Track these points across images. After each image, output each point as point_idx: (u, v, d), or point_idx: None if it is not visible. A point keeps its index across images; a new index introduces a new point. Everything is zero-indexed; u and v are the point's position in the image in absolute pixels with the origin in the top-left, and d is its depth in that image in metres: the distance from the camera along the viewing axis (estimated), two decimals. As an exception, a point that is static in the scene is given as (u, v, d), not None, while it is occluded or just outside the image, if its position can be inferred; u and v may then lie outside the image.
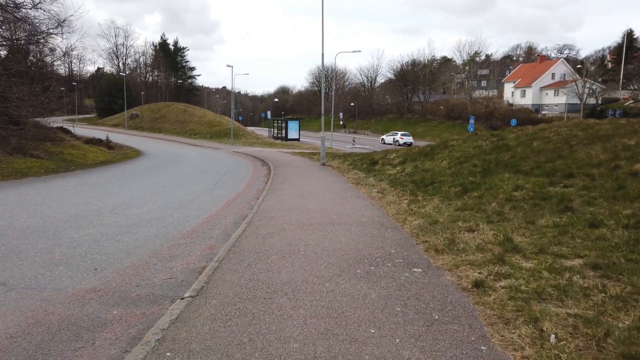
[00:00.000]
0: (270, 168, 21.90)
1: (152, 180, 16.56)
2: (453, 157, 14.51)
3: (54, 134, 34.84)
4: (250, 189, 14.71)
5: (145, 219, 9.34)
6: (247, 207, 11.20)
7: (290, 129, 48.63)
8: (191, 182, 16.09)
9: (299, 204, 10.87)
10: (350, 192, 12.80)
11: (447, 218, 7.99)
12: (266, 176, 18.60)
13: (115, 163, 25.64)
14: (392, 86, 72.33)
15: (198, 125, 51.61)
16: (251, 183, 16.39)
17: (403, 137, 49.70)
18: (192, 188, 14.59)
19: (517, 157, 11.70)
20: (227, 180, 17.15)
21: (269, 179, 17.22)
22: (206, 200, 12.27)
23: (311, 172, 19.44)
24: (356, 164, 21.86)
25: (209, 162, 25.39)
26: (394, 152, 21.83)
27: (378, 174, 16.56)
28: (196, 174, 19.17)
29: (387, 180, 14.65)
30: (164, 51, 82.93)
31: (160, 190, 13.90)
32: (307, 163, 24.19)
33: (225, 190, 14.26)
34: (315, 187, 14.19)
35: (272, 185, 14.83)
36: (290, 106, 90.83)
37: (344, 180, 16.07)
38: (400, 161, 17.71)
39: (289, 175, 17.88)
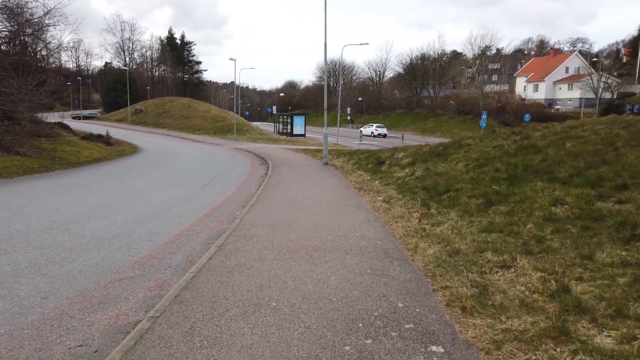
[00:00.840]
0: (268, 167, 20.11)
1: (134, 181, 14.87)
2: (470, 159, 12.57)
3: (51, 130, 33.38)
4: (240, 194, 12.92)
5: (98, 237, 7.58)
6: (229, 219, 9.41)
7: (295, 125, 46.76)
8: (177, 185, 14.35)
9: (289, 216, 9.05)
10: (352, 200, 10.95)
11: (471, 244, 6.11)
12: (262, 177, 16.81)
13: (108, 161, 24.04)
14: (401, 80, 69.98)
15: (202, 120, 49.95)
16: (243, 186, 14.60)
17: (377, 128, 52.66)
18: (175, 192, 12.85)
19: (549, 160, 9.74)
20: (217, 182, 15.39)
21: (264, 180, 15.44)
22: (185, 209, 10.50)
23: (311, 172, 17.61)
24: (361, 164, 19.96)
25: (205, 160, 23.67)
26: (402, 151, 19.89)
27: (385, 176, 14.67)
28: (187, 173, 17.45)
29: (394, 185, 12.76)
30: (171, 45, 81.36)
31: (137, 195, 12.16)
32: (309, 162, 22.35)
33: (212, 195, 12.48)
34: (312, 192, 12.35)
35: (264, 190, 13.02)
36: (297, 101, 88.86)
37: (346, 183, 14.21)
38: (409, 162, 15.79)
39: (286, 177, 16.07)
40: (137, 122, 53.85)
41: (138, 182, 14.93)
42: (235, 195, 12.67)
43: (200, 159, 24.33)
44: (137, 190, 12.93)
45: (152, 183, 14.67)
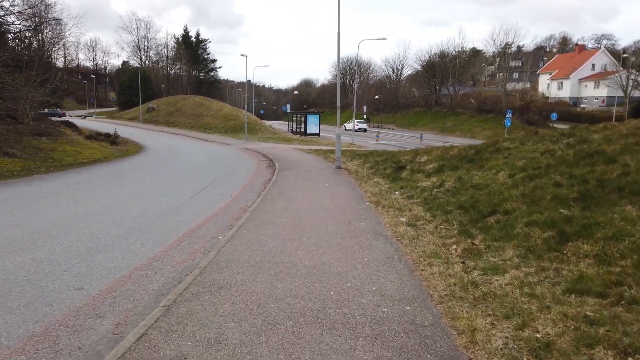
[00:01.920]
0: (274, 171, 17.78)
1: (120, 188, 12.67)
2: (514, 168, 10.00)
3: (55, 129, 31.67)
4: (233, 206, 10.59)
5: (11, 281, 5.33)
6: (205, 248, 7.08)
7: (309, 123, 44.37)
8: (166, 192, 12.10)
9: (283, 247, 6.68)
10: (367, 220, 8.51)
11: (563, 326, 3.63)
12: (265, 183, 14.49)
13: (107, 161, 22.07)
14: (419, 78, 66.94)
15: (213, 119, 47.95)
16: (241, 195, 12.28)
17: (358, 124, 52.25)
18: (159, 202, 10.59)
19: (632, 174, 7.15)
20: (213, 189, 13.11)
21: (266, 188, 13.11)
22: (157, 229, 8.21)
23: (321, 178, 15.21)
24: (378, 168, 17.47)
25: (209, 162, 21.47)
26: (424, 154, 17.32)
27: (406, 185, 12.17)
28: (184, 177, 15.24)
29: (419, 199, 10.28)
30: (186, 43, 79.73)
31: (113, 207, 9.92)
32: (320, 164, 19.95)
33: (199, 208, 10.19)
34: (319, 207, 9.95)
35: (263, 202, 10.68)
36: (312, 99, 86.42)
37: (360, 194, 11.77)
38: (435, 168, 13.26)
39: (291, 184, 13.70)
40: (149, 121, 52.17)
41: (125, 188, 12.76)
42: (227, 208, 10.35)
43: (203, 160, 22.15)
44: (116, 201, 10.70)
45: (139, 189, 12.47)
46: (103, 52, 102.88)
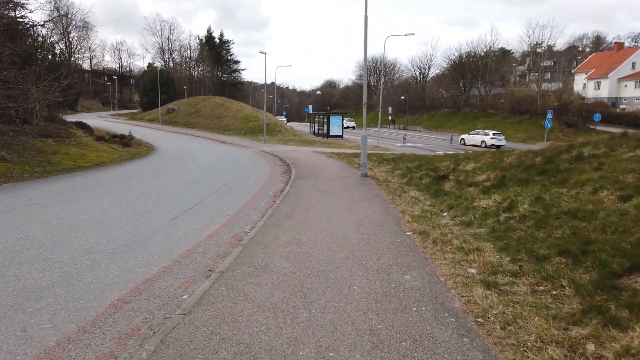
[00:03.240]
0: (289, 179, 14.86)
1: (84, 206, 9.94)
2: (623, 185, 6.76)
3: (66, 130, 29.60)
4: (221, 237, 7.67)
5: None
6: (148, 328, 4.17)
7: (332, 125, 41.31)
8: (140, 213, 9.28)
9: (271, 341, 3.72)
10: (415, 271, 5.38)
11: None
12: (274, 197, 11.56)
13: (109, 166, 19.63)
14: (447, 78, 62.94)
15: (233, 120, 45.44)
16: (238, 216, 9.37)
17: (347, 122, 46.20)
18: (119, 231, 7.75)
19: None
20: (207, 206, 10.25)
21: (274, 204, 10.18)
22: (80, 290, 5.34)
23: (344, 190, 12.16)
24: (412, 177, 14.32)
25: (217, 167, 18.71)
26: (470, 160, 14.08)
27: (457, 204, 9.02)
28: (180, 188, 12.46)
29: (482, 227, 7.14)
30: (209, 44, 77.80)
31: (42, 244, 7.14)
32: (343, 171, 16.92)
33: (172, 240, 7.31)
34: (339, 242, 6.92)
35: (264, 229, 7.74)
36: (336, 100, 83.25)
37: (395, 216, 8.67)
38: (492, 180, 10.05)
39: (306, 199, 10.72)
40: (168, 122, 50.12)
41: (96, 204, 10.02)
42: (215, 238, 7.45)
43: (212, 165, 19.41)
44: (65, 227, 7.90)
45: (113, 206, 9.71)
46: (129, 54, 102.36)
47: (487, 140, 37.14)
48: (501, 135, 38.50)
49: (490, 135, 37.68)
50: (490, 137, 37.36)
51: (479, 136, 38.51)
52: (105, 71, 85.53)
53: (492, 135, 37.50)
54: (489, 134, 37.87)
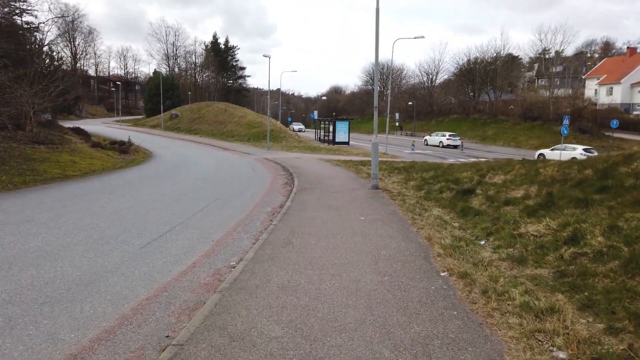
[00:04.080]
0: (291, 192, 13.07)
1: (57, 222, 8.18)
2: None
3: (61, 136, 28.11)
4: (196, 275, 5.88)
5: None
6: None
7: (338, 131, 39.51)
8: (105, 238, 7.52)
9: None
10: (471, 352, 3.59)
11: None
12: (271, 216, 9.76)
13: (98, 174, 18.02)
14: (456, 83, 60.97)
15: (237, 126, 43.78)
16: (223, 243, 7.56)
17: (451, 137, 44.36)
18: (67, 267, 5.98)
19: None
20: (189, 227, 8.46)
21: (271, 224, 8.38)
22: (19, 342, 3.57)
23: (353, 207, 10.32)
24: (430, 191, 12.47)
25: (213, 177, 16.95)
26: (496, 170, 12.24)
27: (496, 229, 7.16)
28: (162, 204, 10.71)
29: (544, 267, 5.30)
30: (215, 50, 76.48)
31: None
32: (351, 182, 15.09)
33: (139, 275, 5.54)
34: (351, 285, 5.09)
35: (251, 266, 5.95)
36: (341, 107, 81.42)
37: (420, 245, 6.81)
38: (535, 199, 8.18)
39: (308, 220, 8.90)
40: (171, 128, 48.56)
41: (65, 222, 8.29)
42: (181, 282, 5.64)
43: (209, 175, 17.66)
44: (6, 258, 6.18)
45: (82, 225, 7.96)
46: (134, 60, 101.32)
47: (444, 140, 42.14)
48: (457, 136, 43.32)
49: (446, 136, 42.65)
50: (446, 138, 42.14)
51: (437, 137, 43.74)
52: (111, 77, 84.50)
53: (448, 137, 42.06)
54: (445, 135, 42.94)
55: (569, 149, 30.82)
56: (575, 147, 30.95)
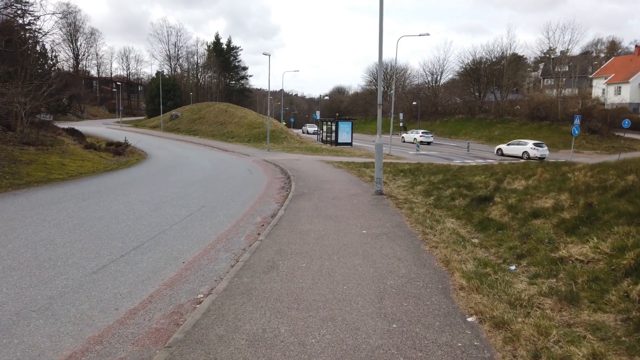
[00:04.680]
0: (286, 198, 11.74)
1: (6, 238, 6.95)
2: None
3: (54, 137, 26.95)
4: (154, 313, 4.56)
5: None
6: None
7: (341, 131, 38.16)
8: (71, 253, 6.25)
9: None
10: None
11: None
12: (261, 226, 8.43)
13: (84, 178, 16.87)
14: (461, 83, 59.36)
15: (237, 127, 42.51)
16: (197, 266, 6.24)
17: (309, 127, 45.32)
18: (9, 291, 4.73)
19: None
20: (162, 243, 7.14)
21: (257, 240, 7.06)
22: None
23: (354, 217, 8.96)
24: (440, 197, 11.10)
25: (206, 180, 15.64)
26: (514, 174, 10.86)
27: (527, 250, 5.78)
28: (146, 209, 9.42)
29: (600, 308, 3.90)
30: (217, 50, 75.27)
31: None
32: (353, 187, 13.74)
33: (70, 319, 4.23)
34: (347, 335, 3.74)
35: (225, 299, 4.61)
36: (345, 107, 79.95)
37: (435, 270, 5.42)
38: (570, 210, 6.79)
39: (302, 234, 7.55)
40: (170, 129, 47.34)
41: (15, 236, 7.00)
42: (124, 330, 4.32)
43: (201, 178, 16.34)
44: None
45: (33, 242, 6.68)
46: (137, 60, 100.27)
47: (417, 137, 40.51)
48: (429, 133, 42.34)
49: (419, 133, 41.15)
50: (419, 135, 40.77)
51: (412, 135, 41.26)
52: (113, 78, 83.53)
53: (421, 134, 39.83)
54: (419, 133, 41.14)
55: (522, 143, 34.22)
56: (527, 142, 33.96)
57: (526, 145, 33.25)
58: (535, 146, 32.58)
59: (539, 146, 32.78)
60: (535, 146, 32.58)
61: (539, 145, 33.03)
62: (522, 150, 32.95)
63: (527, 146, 32.95)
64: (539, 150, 32.33)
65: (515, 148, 33.93)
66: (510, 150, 34.16)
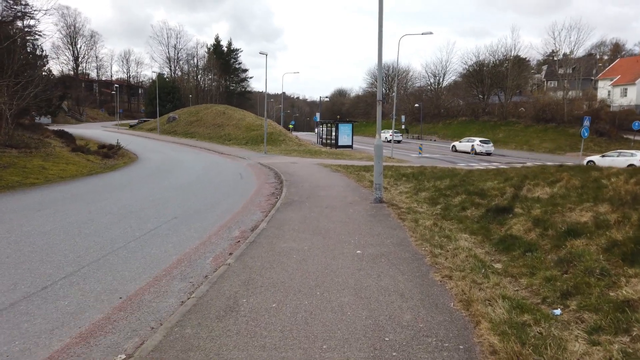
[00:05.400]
0: (274, 206, 10.26)
1: None
2: None
3: (40, 140, 25.60)
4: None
5: None
6: None
7: (341, 134, 36.66)
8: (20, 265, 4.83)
9: None
10: None
11: None
12: (235, 244, 6.95)
13: (62, 182, 15.52)
14: (464, 84, 57.76)
15: (235, 129, 41.09)
16: (133, 306, 4.76)
17: None
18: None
19: None
20: (103, 269, 5.65)
21: (224, 265, 5.58)
22: None
23: (348, 232, 7.44)
24: (449, 206, 9.60)
25: (190, 186, 14.16)
26: (534, 179, 9.36)
27: (574, 287, 4.27)
28: (108, 221, 7.98)
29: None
30: (217, 53, 73.98)
31: None
32: (350, 193, 12.24)
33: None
34: None
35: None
36: (346, 109, 78.47)
37: (450, 315, 3.92)
38: (620, 229, 5.29)
39: (282, 255, 6.05)
40: (167, 132, 45.95)
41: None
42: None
43: (185, 184, 14.88)
44: None
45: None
46: (137, 63, 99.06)
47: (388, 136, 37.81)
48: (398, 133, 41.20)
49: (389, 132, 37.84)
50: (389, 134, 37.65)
51: (385, 134, 38.91)
52: (113, 81, 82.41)
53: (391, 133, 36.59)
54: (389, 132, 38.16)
55: (471, 140, 37.27)
56: (474, 139, 37.29)
57: (474, 141, 37.11)
58: (482, 143, 36.56)
59: (485, 143, 36.62)
60: (482, 143, 36.56)
61: (485, 142, 36.80)
62: (470, 146, 36.66)
63: (475, 142, 36.76)
64: (484, 147, 36.04)
65: (465, 145, 37.54)
66: (462, 147, 37.76)
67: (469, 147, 36.79)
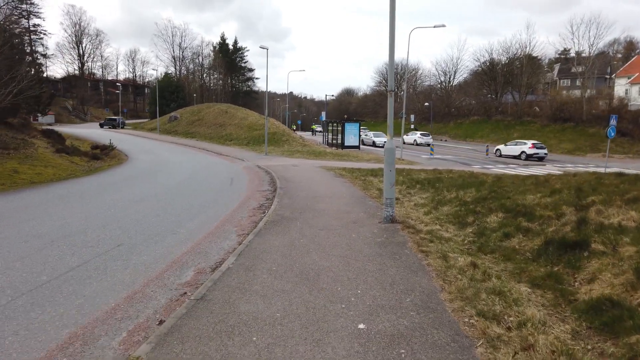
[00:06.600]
0: (256, 227, 7.83)
1: None
2: None
3: (23, 140, 23.45)
4: None
5: None
6: None
7: (347, 134, 34.13)
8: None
9: None
10: None
11: None
12: (179, 298, 4.51)
13: (31, 188, 13.22)
14: (476, 82, 54.80)
15: (237, 128, 38.75)
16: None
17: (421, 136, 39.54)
18: None
19: None
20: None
21: (141, 347, 3.17)
22: None
23: (346, 280, 4.93)
24: (484, 231, 7.05)
25: (169, 194, 11.77)
26: (596, 193, 6.78)
27: None
28: (11, 254, 5.67)
29: None
30: (223, 51, 71.74)
31: None
32: (355, 208, 9.73)
33: None
34: None
35: None
36: (353, 109, 75.81)
37: None
38: None
39: (237, 335, 3.58)
40: (168, 131, 43.74)
41: None
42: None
43: (163, 190, 12.49)
44: None
45: None
46: (142, 62, 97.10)
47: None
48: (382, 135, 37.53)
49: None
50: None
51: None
52: (119, 81, 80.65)
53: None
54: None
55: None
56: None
57: (415, 135, 36.14)
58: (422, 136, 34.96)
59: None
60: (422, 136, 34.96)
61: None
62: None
63: (416, 135, 36.11)
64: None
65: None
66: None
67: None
